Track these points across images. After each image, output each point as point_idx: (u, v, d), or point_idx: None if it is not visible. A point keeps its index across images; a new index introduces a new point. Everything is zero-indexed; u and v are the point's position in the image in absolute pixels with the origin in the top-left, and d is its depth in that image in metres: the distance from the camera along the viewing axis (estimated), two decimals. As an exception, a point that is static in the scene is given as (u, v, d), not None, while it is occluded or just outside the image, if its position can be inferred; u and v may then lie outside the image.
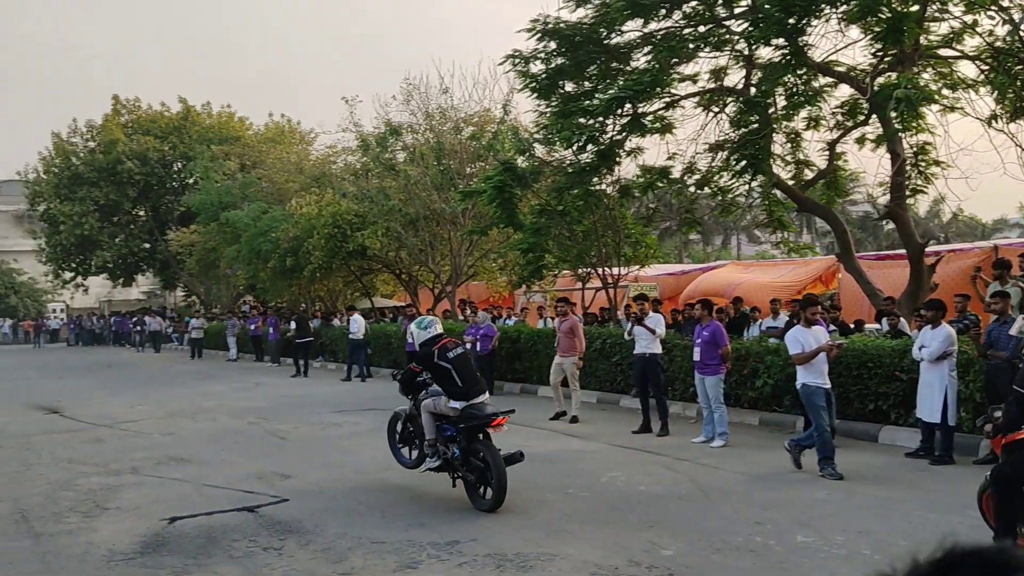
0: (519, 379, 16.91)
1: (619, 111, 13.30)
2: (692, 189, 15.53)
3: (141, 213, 44.62)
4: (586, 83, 14.32)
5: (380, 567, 5.97)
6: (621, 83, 13.23)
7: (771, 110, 13.02)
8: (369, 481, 8.79)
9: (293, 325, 23.83)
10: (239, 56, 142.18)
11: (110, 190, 41.68)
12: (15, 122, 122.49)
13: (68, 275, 45.89)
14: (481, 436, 7.72)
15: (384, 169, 23.49)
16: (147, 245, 44.72)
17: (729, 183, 14.54)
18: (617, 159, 14.75)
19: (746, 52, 13.08)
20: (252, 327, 29.03)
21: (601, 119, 13.51)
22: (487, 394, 8.07)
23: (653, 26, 13.24)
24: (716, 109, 14.07)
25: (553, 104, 14.20)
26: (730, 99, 13.87)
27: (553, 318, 18.58)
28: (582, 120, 13.47)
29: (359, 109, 24.48)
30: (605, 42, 13.55)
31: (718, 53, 13.43)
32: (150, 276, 52.49)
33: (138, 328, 39.72)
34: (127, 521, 7.39)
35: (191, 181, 40.23)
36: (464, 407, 7.76)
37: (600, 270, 17.62)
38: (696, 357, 10.79)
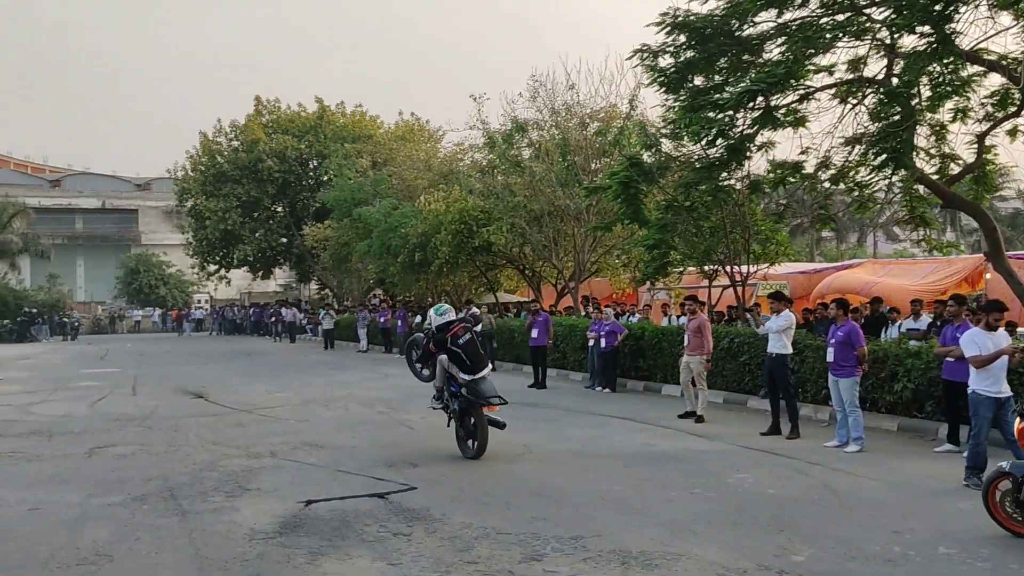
0: (643, 376, 16.73)
1: (750, 104, 12.92)
2: (826, 184, 14.94)
3: (279, 209, 46.64)
4: (716, 76, 13.98)
5: (505, 558, 6.03)
6: (753, 75, 12.87)
7: (914, 101, 12.36)
8: (494, 472, 8.90)
9: (419, 319, 24.42)
10: (372, 56, 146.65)
11: (251, 187, 43.80)
12: (166, 123, 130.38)
13: (212, 268, 48.50)
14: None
15: (510, 166, 23.70)
16: (284, 240, 46.70)
17: (867, 178, 13.92)
18: (747, 154, 14.35)
19: (888, 41, 12.48)
20: (382, 320, 29.90)
21: (731, 113, 13.17)
22: (489, 368, 9.92)
23: (788, 16, 12.80)
24: (854, 101, 13.47)
25: (681, 98, 13.94)
26: (870, 90, 13.25)
27: (678, 316, 18.32)
28: (711, 114, 13.16)
29: (486, 107, 24.89)
30: (737, 34, 13.20)
31: (857, 42, 12.84)
32: (287, 269, 54.86)
33: (274, 319, 41.59)
34: (267, 502, 7.75)
35: (326, 178, 41.73)
36: (470, 380, 9.57)
37: (728, 268, 17.22)
38: (830, 358, 10.39)
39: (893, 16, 11.55)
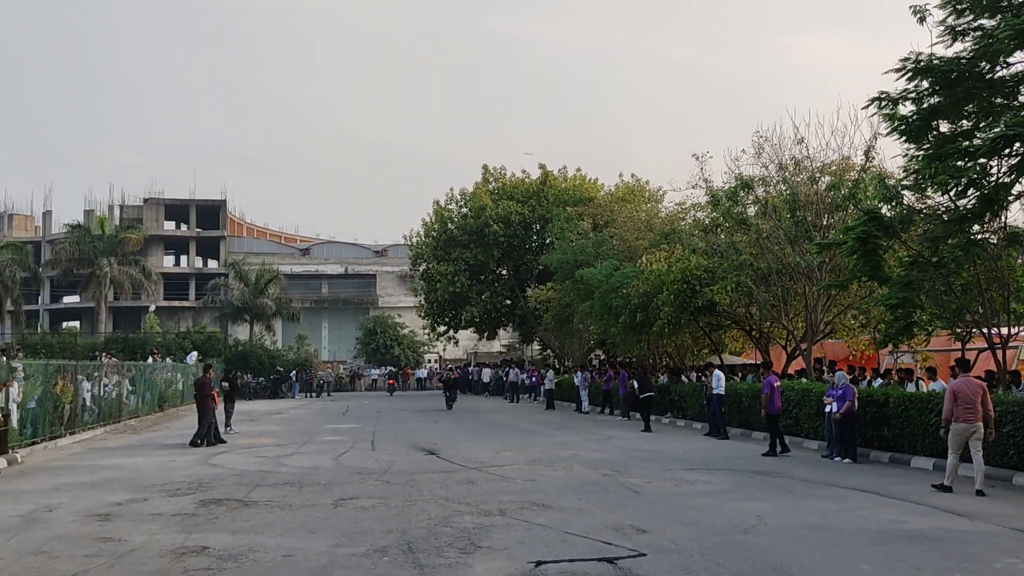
0: (887, 447, 15.52)
1: (1007, 151, 11.92)
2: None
3: (504, 272, 48.38)
4: (964, 122, 13.07)
5: (744, 636, 5.73)
6: (1008, 120, 11.87)
7: None
8: (726, 543, 8.54)
9: (636, 384, 24.29)
10: (591, 119, 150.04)
11: (478, 251, 45.84)
12: (403, 193, 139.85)
13: (442, 328, 50.85)
14: None
15: (734, 223, 23.20)
16: (508, 301, 48.25)
17: None
18: (1004, 204, 13.20)
19: None
20: (603, 381, 29.96)
21: (984, 160, 12.22)
22: None
23: (1048, 54, 11.78)
24: None
25: (925, 147, 13.13)
26: None
27: (925, 380, 16.90)
28: (960, 163, 12.30)
29: (709, 165, 24.67)
30: (987, 76, 12.29)
31: None
32: (510, 330, 56.44)
33: (498, 380, 42.93)
34: (498, 560, 7.88)
35: (548, 241, 42.83)
36: None
37: (984, 329, 15.73)
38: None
39: None
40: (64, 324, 69.69)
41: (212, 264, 77.80)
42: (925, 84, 12.48)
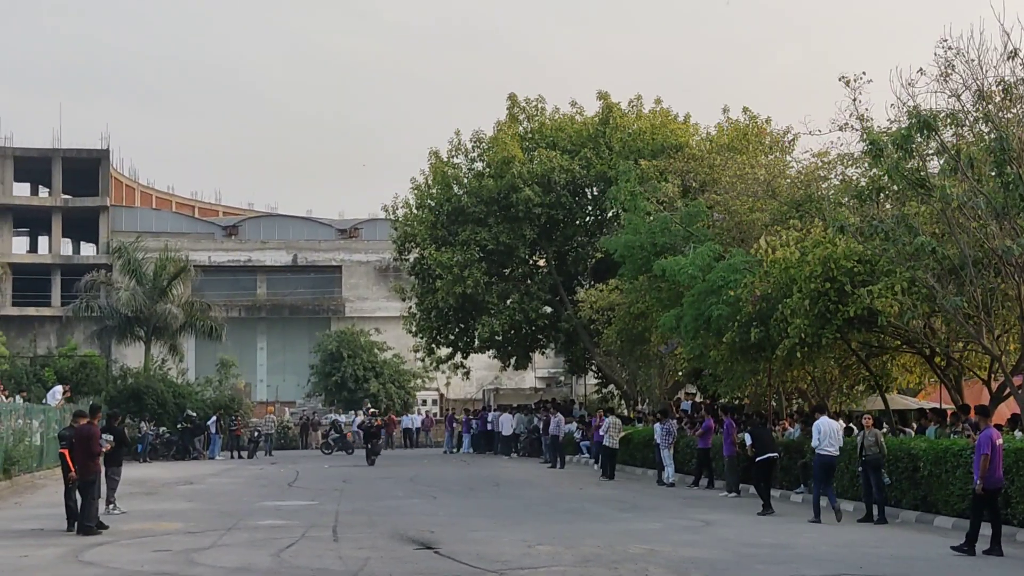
0: None
1: None
2: None
3: (541, 263, 48.04)
4: None
5: None
6: None
7: None
8: None
9: (748, 438, 24.05)
10: (682, 22, 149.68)
11: (500, 230, 45.02)
12: (386, 144, 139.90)
13: (444, 351, 50.64)
14: None
15: (907, 186, 22.98)
16: (548, 309, 47.83)
17: None
18: None
19: None
20: (698, 435, 29.79)
21: None
22: None
23: None
24: None
25: None
26: None
27: None
28: None
29: (866, 94, 24.18)
30: None
31: None
32: (550, 354, 56.19)
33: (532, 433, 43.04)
34: None
35: (610, 215, 42.55)
36: None
37: None
38: None
39: None
40: None
41: (87, 250, 78.57)
42: None
